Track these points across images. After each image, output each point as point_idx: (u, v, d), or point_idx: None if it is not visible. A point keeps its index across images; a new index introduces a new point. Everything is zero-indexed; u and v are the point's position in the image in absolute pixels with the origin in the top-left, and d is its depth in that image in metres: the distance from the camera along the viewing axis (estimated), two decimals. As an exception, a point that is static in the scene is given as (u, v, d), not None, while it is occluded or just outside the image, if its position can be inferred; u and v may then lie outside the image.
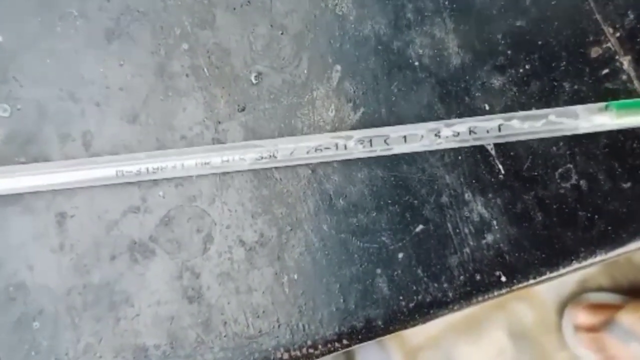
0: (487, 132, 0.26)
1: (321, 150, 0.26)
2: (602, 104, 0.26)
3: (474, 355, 0.85)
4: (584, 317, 0.79)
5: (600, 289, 0.84)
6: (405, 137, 0.26)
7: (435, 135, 0.26)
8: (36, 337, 0.28)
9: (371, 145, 0.26)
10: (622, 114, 0.25)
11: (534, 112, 0.26)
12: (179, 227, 0.29)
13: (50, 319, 0.28)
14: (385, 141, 0.26)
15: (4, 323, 0.28)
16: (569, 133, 0.26)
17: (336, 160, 0.28)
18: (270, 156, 0.26)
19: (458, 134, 0.26)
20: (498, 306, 0.85)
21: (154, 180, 0.29)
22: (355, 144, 0.26)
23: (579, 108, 0.26)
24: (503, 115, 0.27)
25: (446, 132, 0.26)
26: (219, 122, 0.29)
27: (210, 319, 0.28)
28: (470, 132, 0.26)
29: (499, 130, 0.26)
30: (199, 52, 0.29)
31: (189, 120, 0.29)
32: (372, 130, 0.27)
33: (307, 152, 0.26)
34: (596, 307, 0.79)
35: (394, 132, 0.27)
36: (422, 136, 0.26)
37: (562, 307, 0.84)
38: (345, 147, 0.26)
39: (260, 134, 0.29)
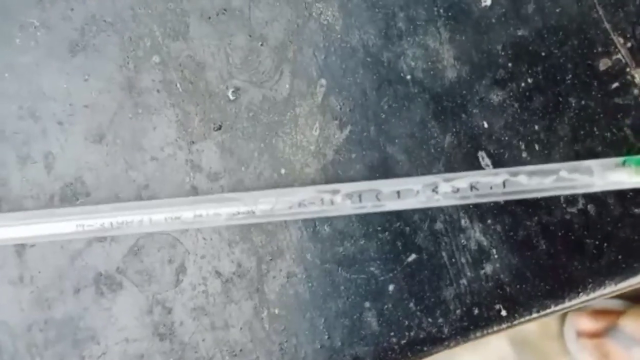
0: (491, 188, 0.24)
1: (305, 205, 0.24)
2: (620, 160, 0.24)
3: (474, 364, 0.84)
4: (586, 323, 0.78)
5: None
6: (398, 192, 0.24)
7: (433, 190, 0.24)
8: (-8, 379, 0.26)
9: (360, 200, 0.24)
10: None
11: (542, 167, 0.24)
12: (148, 257, 0.26)
13: (9, 357, 0.26)
14: (376, 196, 0.24)
15: (-43, 364, 0.26)
16: (581, 191, 0.24)
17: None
18: (248, 212, 0.24)
19: (458, 190, 0.24)
20: (499, 314, 0.84)
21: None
22: (343, 200, 0.24)
23: (593, 164, 0.24)
24: (509, 169, 0.24)
25: (444, 187, 0.24)
26: (193, 142, 0.27)
27: (183, 358, 0.26)
28: (472, 188, 0.24)
29: (504, 186, 0.24)
30: (171, 66, 0.27)
31: (160, 140, 0.27)
32: (362, 184, 0.25)
33: (290, 208, 0.24)
34: (598, 313, 0.78)
35: (387, 186, 0.25)
36: (418, 192, 0.24)
37: (564, 313, 0.83)
38: (332, 203, 0.24)
39: (237, 155, 0.27)
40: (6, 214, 0.26)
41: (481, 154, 0.26)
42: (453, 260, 0.26)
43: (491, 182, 0.24)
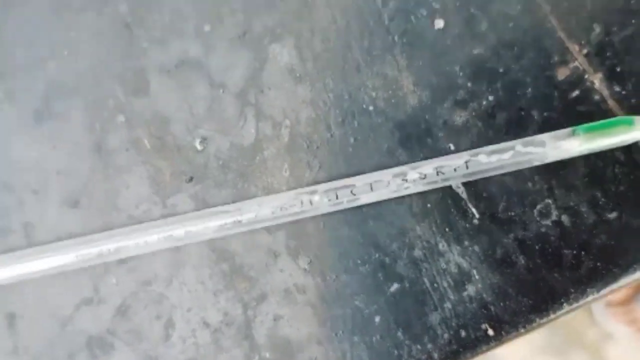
0: (455, 170, 0.26)
1: (286, 208, 0.27)
2: (569, 130, 0.26)
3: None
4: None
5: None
6: (371, 184, 0.26)
7: (402, 179, 0.26)
8: None
9: (337, 197, 0.27)
10: (590, 137, 0.25)
11: (499, 145, 0.26)
12: (136, 315, 0.28)
13: None
14: (351, 191, 0.26)
15: None
16: (538, 163, 0.26)
17: (299, 219, 0.28)
18: (234, 222, 0.26)
19: (425, 175, 0.26)
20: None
21: (105, 267, 0.29)
22: (320, 198, 0.26)
23: (545, 136, 0.26)
24: (469, 151, 0.27)
25: (413, 175, 0.26)
26: (167, 197, 0.29)
27: (181, 410, 0.28)
28: (438, 172, 0.26)
29: (467, 167, 0.26)
30: (136, 123, 0.29)
31: (134, 198, 0.29)
32: (337, 182, 0.27)
33: (272, 213, 0.27)
34: (625, 280, 0.81)
35: (360, 180, 0.27)
36: (389, 182, 0.26)
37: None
38: (311, 203, 0.26)
39: (212, 205, 0.28)
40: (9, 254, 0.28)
41: (451, 177, 0.28)
42: (435, 285, 0.28)
43: (454, 165, 0.26)
